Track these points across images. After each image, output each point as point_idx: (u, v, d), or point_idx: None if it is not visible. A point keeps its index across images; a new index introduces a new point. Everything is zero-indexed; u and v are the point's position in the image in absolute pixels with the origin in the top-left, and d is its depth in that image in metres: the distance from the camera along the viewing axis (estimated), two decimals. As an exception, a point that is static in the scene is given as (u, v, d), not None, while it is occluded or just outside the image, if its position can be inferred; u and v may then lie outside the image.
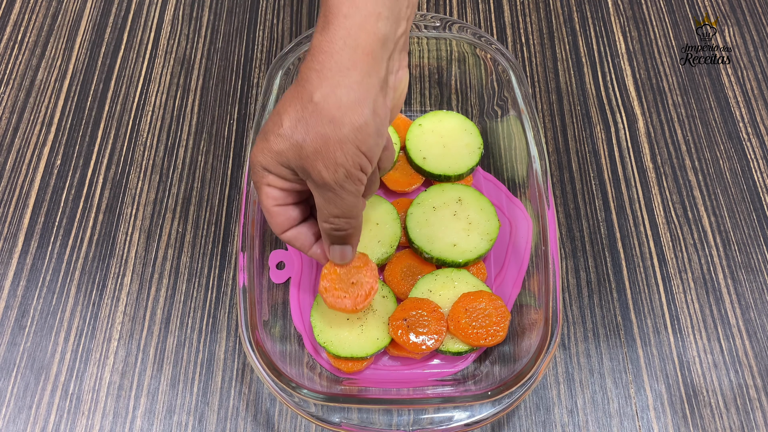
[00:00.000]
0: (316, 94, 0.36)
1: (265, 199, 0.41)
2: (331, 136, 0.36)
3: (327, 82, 0.36)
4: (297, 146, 0.37)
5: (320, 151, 0.37)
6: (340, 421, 0.42)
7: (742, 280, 0.56)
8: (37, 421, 0.50)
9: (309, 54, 0.37)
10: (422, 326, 0.49)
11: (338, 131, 0.36)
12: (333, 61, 0.36)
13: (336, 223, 0.41)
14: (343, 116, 0.36)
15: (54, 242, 0.57)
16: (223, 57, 0.67)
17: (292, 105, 0.37)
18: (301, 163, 0.38)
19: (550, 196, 0.49)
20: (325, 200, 0.39)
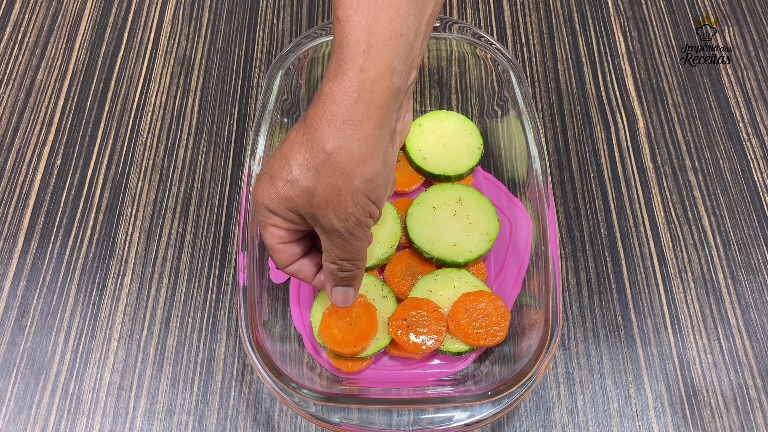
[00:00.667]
0: (328, 145, 0.36)
1: (269, 238, 0.42)
2: (342, 187, 0.37)
3: (339, 134, 0.36)
4: (307, 194, 0.38)
5: (331, 201, 0.37)
6: (340, 421, 0.42)
7: (742, 280, 0.56)
8: (37, 421, 0.50)
9: (319, 101, 0.36)
10: (422, 326, 0.49)
11: (350, 183, 0.37)
12: (346, 114, 0.36)
13: (343, 265, 0.42)
14: (355, 169, 0.36)
15: (54, 242, 0.57)
16: (223, 57, 0.67)
17: (301, 152, 0.37)
18: (311, 210, 0.38)
19: (550, 196, 0.49)
20: (334, 245, 0.40)
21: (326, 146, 0.36)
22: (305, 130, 0.37)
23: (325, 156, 0.36)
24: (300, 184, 0.37)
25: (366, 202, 0.38)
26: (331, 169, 0.36)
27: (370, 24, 0.34)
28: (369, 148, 0.36)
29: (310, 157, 0.37)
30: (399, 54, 0.36)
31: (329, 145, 0.36)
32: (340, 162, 0.36)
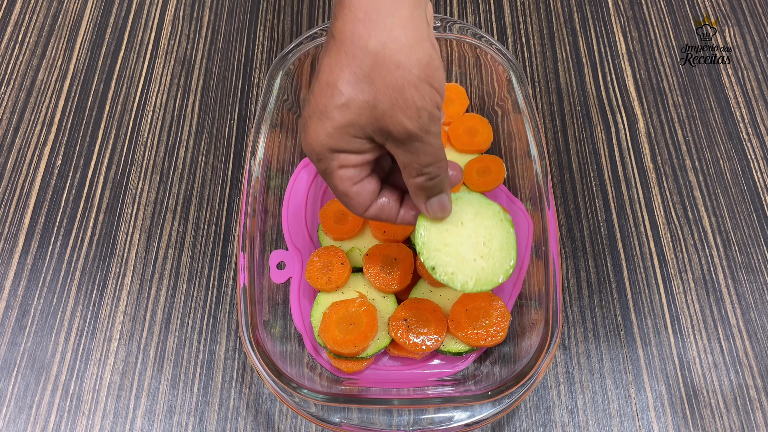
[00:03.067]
0: (371, 45, 0.33)
1: (340, 183, 0.38)
2: (403, 81, 0.33)
3: (379, 28, 0.33)
4: (369, 107, 0.34)
5: (397, 102, 0.34)
6: (340, 421, 0.42)
7: (743, 281, 0.56)
8: (37, 421, 0.50)
9: (343, 8, 0.33)
10: (422, 326, 0.49)
11: (409, 74, 0.34)
12: (378, 6, 0.33)
13: (431, 172, 0.38)
14: (409, 57, 0.33)
15: (54, 242, 0.57)
16: (224, 57, 0.67)
17: (344, 68, 0.34)
18: (378, 124, 0.35)
19: (551, 196, 0.49)
20: (413, 153, 0.36)
21: (369, 47, 0.33)
22: (337, 45, 0.34)
23: (372, 57, 0.33)
24: (357, 101, 0.34)
25: (430, 91, 0.34)
26: (384, 67, 0.33)
27: None
28: (413, 32, 0.34)
29: (356, 68, 0.33)
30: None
31: (372, 44, 0.33)
32: (391, 56, 0.33)
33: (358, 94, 0.34)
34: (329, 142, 0.36)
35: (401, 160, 0.37)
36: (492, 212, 0.45)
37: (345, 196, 0.39)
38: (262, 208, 0.51)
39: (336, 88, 0.34)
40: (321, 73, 0.35)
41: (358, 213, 0.40)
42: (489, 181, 0.56)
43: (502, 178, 0.57)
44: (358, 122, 0.35)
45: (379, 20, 0.33)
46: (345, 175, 0.37)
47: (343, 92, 0.34)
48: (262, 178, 0.51)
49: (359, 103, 0.34)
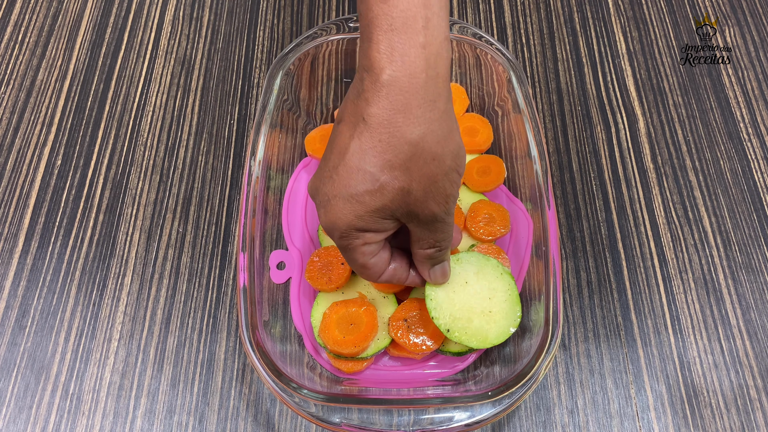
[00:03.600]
0: (412, 136, 0.34)
1: (361, 258, 0.40)
2: (437, 172, 0.35)
3: (419, 121, 0.34)
4: (402, 194, 0.35)
5: (430, 191, 0.36)
6: (340, 422, 0.42)
7: (743, 281, 0.56)
8: (37, 422, 0.50)
9: (379, 92, 0.33)
10: (422, 326, 0.49)
11: (443, 166, 0.35)
12: (420, 98, 0.33)
13: (441, 245, 0.41)
14: (444, 150, 0.35)
15: (54, 242, 0.57)
16: (224, 57, 0.67)
17: (378, 155, 0.34)
18: (408, 208, 0.37)
19: (551, 197, 0.49)
20: (431, 231, 0.39)
21: (409, 138, 0.34)
22: (371, 131, 0.34)
23: (410, 149, 0.34)
24: (392, 188, 0.35)
25: (457, 178, 0.37)
26: (422, 159, 0.34)
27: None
28: (448, 124, 0.35)
29: (392, 157, 0.34)
30: (448, 18, 0.34)
31: (413, 136, 0.34)
32: (429, 148, 0.34)
33: (393, 181, 0.35)
34: (358, 224, 0.37)
35: (417, 235, 0.40)
36: (491, 267, 0.48)
37: (364, 268, 0.41)
38: (262, 208, 0.51)
39: (370, 174, 0.35)
40: (349, 155, 0.35)
41: (374, 280, 0.42)
42: (489, 181, 0.56)
43: (502, 178, 0.57)
44: (391, 207, 0.36)
45: (420, 114, 0.34)
46: (367, 250, 0.39)
47: (379, 179, 0.35)
48: (262, 178, 0.51)
49: (393, 190, 0.35)
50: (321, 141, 0.59)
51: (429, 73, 0.33)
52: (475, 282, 0.47)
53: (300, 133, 0.59)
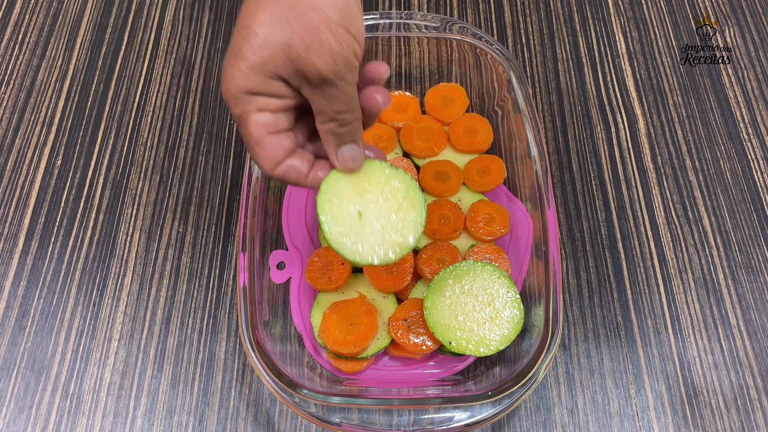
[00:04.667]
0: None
1: (255, 130, 0.37)
2: (318, 24, 0.34)
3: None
4: (284, 47, 0.34)
5: (311, 44, 0.34)
6: (340, 422, 0.42)
7: (743, 281, 0.56)
8: (37, 422, 0.50)
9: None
10: (422, 327, 0.49)
11: (325, 17, 0.34)
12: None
13: (342, 118, 0.38)
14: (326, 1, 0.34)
15: (54, 242, 0.57)
16: (224, 57, 0.67)
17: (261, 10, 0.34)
18: (293, 65, 0.35)
19: (551, 197, 0.49)
20: (327, 98, 0.36)
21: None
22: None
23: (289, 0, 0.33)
24: (273, 41, 0.34)
25: (347, 36, 0.35)
26: (300, 9, 0.34)
27: None
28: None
29: (273, 11, 0.34)
30: None
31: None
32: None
33: (275, 33, 0.34)
34: (245, 84, 0.35)
35: (315, 106, 0.37)
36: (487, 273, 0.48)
37: (257, 145, 0.37)
38: (262, 208, 0.51)
39: (251, 29, 0.34)
40: (239, 16, 0.35)
41: (268, 168, 0.39)
42: (489, 181, 0.56)
43: (502, 178, 0.57)
44: (273, 62, 0.35)
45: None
46: (261, 120, 0.37)
47: (258, 33, 0.34)
48: (262, 178, 0.51)
49: (274, 43, 0.34)
50: None
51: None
52: (472, 290, 0.48)
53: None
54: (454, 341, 0.46)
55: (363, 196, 0.41)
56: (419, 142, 0.58)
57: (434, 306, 0.47)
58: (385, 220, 0.41)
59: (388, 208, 0.41)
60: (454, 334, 0.46)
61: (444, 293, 0.48)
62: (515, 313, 0.47)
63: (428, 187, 0.56)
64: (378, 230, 0.41)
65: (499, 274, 0.48)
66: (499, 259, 0.52)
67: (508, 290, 0.48)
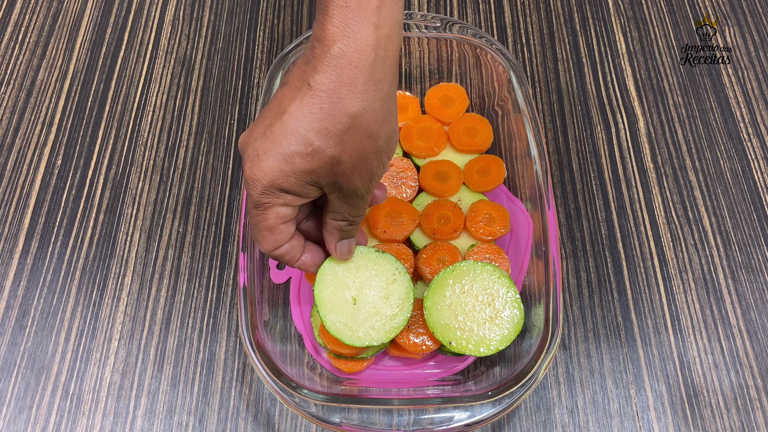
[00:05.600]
0: (352, 109, 0.35)
1: (272, 219, 0.39)
2: (369, 150, 0.36)
3: (362, 96, 0.35)
4: (332, 163, 0.36)
5: (358, 165, 0.37)
6: (340, 421, 0.42)
7: (743, 281, 0.56)
8: (37, 422, 0.50)
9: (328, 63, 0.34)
10: (422, 327, 0.49)
11: (375, 144, 0.37)
12: (366, 75, 0.35)
13: (355, 219, 0.41)
14: (379, 130, 0.36)
15: (55, 242, 0.57)
16: (224, 57, 0.67)
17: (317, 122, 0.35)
18: (334, 179, 0.37)
19: (551, 196, 0.49)
20: (348, 205, 0.40)
21: (350, 111, 0.35)
22: (314, 97, 0.35)
23: (349, 121, 0.35)
24: (323, 155, 0.36)
25: (386, 160, 0.38)
26: (358, 134, 0.36)
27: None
28: (389, 106, 0.36)
29: (330, 126, 0.35)
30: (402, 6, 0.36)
31: (354, 110, 0.35)
32: (366, 125, 0.36)
33: (326, 148, 0.36)
34: (282, 183, 0.37)
35: (335, 206, 0.40)
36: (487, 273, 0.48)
37: (269, 231, 0.40)
38: (262, 208, 0.51)
39: (305, 138, 0.36)
40: (287, 116, 0.36)
41: (268, 249, 0.41)
42: (489, 181, 0.56)
43: (502, 178, 0.57)
44: (318, 173, 0.37)
45: (364, 90, 0.35)
46: (282, 212, 0.39)
47: (313, 144, 0.36)
48: (262, 178, 0.51)
49: (324, 157, 0.36)
50: None
51: (378, 53, 0.35)
52: (472, 290, 0.48)
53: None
54: (454, 341, 0.46)
55: (355, 282, 0.46)
56: (419, 141, 0.58)
57: (434, 306, 0.47)
58: (378, 301, 0.46)
59: (379, 287, 0.46)
60: (454, 334, 0.46)
61: (444, 293, 0.48)
62: (515, 313, 0.47)
63: (428, 186, 0.56)
64: (372, 312, 0.46)
65: (499, 274, 0.48)
66: (499, 259, 0.52)
67: (508, 290, 0.48)
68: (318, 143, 0.36)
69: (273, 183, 0.37)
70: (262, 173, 0.37)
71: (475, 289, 0.48)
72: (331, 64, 0.35)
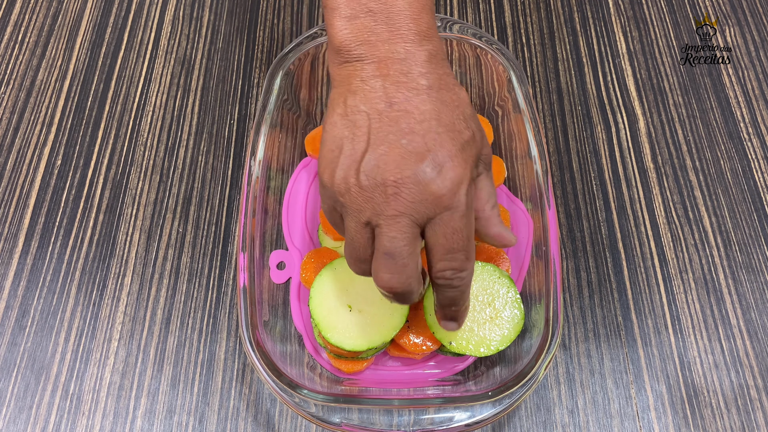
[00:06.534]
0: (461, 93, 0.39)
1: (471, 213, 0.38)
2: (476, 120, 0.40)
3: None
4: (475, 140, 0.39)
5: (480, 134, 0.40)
6: (340, 422, 0.42)
7: (743, 280, 0.56)
8: (37, 422, 0.50)
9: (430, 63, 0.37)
10: (422, 326, 0.48)
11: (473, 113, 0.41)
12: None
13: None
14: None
15: (54, 242, 0.57)
16: (224, 57, 0.67)
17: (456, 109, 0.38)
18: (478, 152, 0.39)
19: (551, 196, 0.49)
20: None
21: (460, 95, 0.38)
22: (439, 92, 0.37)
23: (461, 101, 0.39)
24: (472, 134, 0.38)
25: None
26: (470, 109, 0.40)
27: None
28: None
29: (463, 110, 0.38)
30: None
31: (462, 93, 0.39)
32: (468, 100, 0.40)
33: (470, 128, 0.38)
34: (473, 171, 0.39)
35: None
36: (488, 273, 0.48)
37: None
38: (262, 208, 0.51)
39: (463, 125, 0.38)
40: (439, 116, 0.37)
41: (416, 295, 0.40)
42: (489, 180, 0.56)
43: (502, 178, 0.56)
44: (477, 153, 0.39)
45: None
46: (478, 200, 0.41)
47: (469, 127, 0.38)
48: (262, 178, 0.51)
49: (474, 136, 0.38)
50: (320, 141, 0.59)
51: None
52: (472, 290, 0.47)
53: (300, 133, 0.59)
54: (454, 341, 0.46)
55: (349, 290, 0.47)
56: None
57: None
58: (374, 307, 0.47)
59: (373, 293, 0.47)
60: (454, 334, 0.46)
61: None
62: (515, 313, 0.47)
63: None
64: (369, 318, 0.47)
65: (499, 274, 0.48)
66: (500, 259, 0.52)
67: (508, 290, 0.47)
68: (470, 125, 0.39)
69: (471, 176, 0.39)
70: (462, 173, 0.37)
71: (475, 289, 0.47)
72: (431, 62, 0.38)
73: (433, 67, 0.37)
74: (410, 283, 0.38)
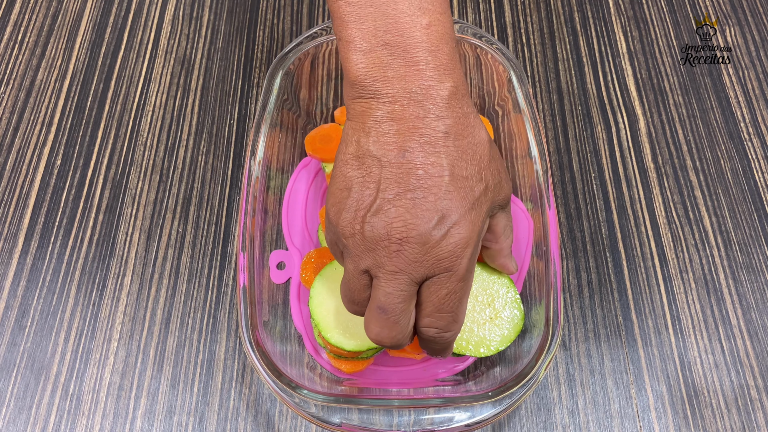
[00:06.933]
0: (483, 135, 0.39)
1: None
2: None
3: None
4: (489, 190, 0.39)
5: (498, 182, 0.40)
6: (340, 422, 0.42)
7: (744, 281, 0.55)
8: (37, 422, 0.50)
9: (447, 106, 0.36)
10: (423, 326, 0.48)
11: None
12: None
13: None
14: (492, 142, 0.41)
15: (54, 242, 0.57)
16: (224, 57, 0.67)
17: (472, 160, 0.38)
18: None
19: (551, 196, 0.49)
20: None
21: (481, 137, 0.38)
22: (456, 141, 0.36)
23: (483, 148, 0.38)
24: (486, 185, 0.39)
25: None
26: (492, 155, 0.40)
27: None
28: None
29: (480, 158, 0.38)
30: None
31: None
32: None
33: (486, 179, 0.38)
34: (483, 226, 0.39)
35: None
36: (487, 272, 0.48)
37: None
38: (262, 208, 0.51)
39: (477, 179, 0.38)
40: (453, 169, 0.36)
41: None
42: (489, 180, 0.56)
43: (502, 177, 0.56)
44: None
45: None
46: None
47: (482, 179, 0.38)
48: (262, 178, 0.51)
49: (488, 186, 0.39)
50: (321, 141, 0.59)
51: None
52: (472, 290, 0.47)
53: (300, 133, 0.59)
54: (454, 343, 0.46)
55: None
56: None
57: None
58: None
59: None
60: None
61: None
62: (515, 313, 0.47)
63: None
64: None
65: (499, 275, 0.48)
66: None
67: (508, 290, 0.47)
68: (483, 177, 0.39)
69: (481, 232, 0.39)
70: (474, 229, 0.37)
71: (475, 289, 0.47)
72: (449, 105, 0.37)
73: (453, 107, 0.36)
74: (399, 338, 0.38)
